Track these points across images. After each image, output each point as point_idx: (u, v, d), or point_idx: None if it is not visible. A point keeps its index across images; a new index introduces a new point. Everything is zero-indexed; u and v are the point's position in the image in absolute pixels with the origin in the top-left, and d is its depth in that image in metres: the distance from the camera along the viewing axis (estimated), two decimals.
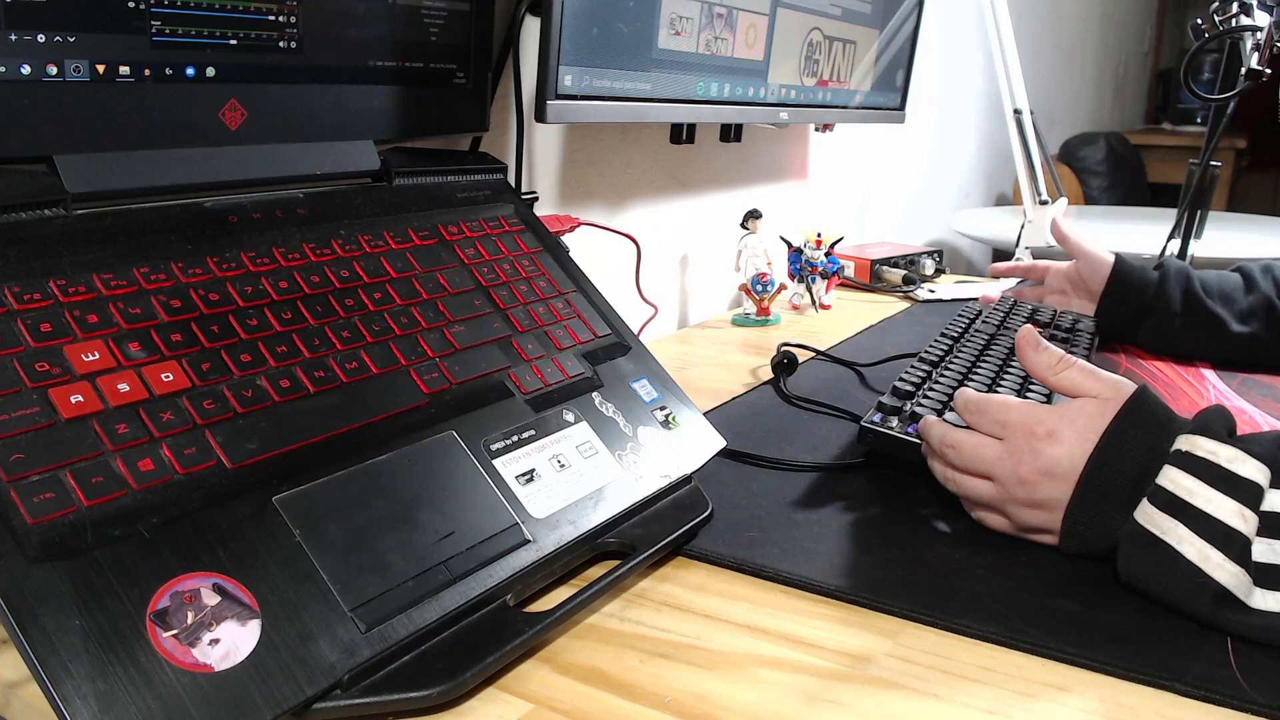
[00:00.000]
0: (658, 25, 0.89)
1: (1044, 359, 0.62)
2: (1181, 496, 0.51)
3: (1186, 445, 0.53)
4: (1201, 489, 0.51)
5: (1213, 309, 1.00)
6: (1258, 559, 0.49)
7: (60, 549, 0.39)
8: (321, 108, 0.65)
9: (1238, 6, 1.11)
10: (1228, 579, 0.49)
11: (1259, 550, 0.49)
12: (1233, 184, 3.79)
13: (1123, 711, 0.44)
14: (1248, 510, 0.50)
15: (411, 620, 0.45)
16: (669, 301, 1.23)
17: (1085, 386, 0.59)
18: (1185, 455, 0.53)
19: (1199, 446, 0.53)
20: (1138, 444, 0.55)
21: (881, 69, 1.33)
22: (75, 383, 0.44)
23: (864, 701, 0.45)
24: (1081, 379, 0.60)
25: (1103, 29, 3.59)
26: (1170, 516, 0.51)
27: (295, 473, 0.47)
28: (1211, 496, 0.51)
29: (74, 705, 0.36)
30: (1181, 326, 1.02)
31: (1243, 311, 1.00)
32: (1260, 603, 0.48)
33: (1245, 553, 0.49)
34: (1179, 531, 0.51)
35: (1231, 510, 0.50)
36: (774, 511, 0.63)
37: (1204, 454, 0.52)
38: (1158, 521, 0.52)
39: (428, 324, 0.59)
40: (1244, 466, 0.51)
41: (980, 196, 2.48)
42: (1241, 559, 0.49)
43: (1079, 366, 0.60)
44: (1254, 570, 0.49)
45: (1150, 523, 0.52)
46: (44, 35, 0.51)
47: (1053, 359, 0.61)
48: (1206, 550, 0.50)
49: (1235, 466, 0.51)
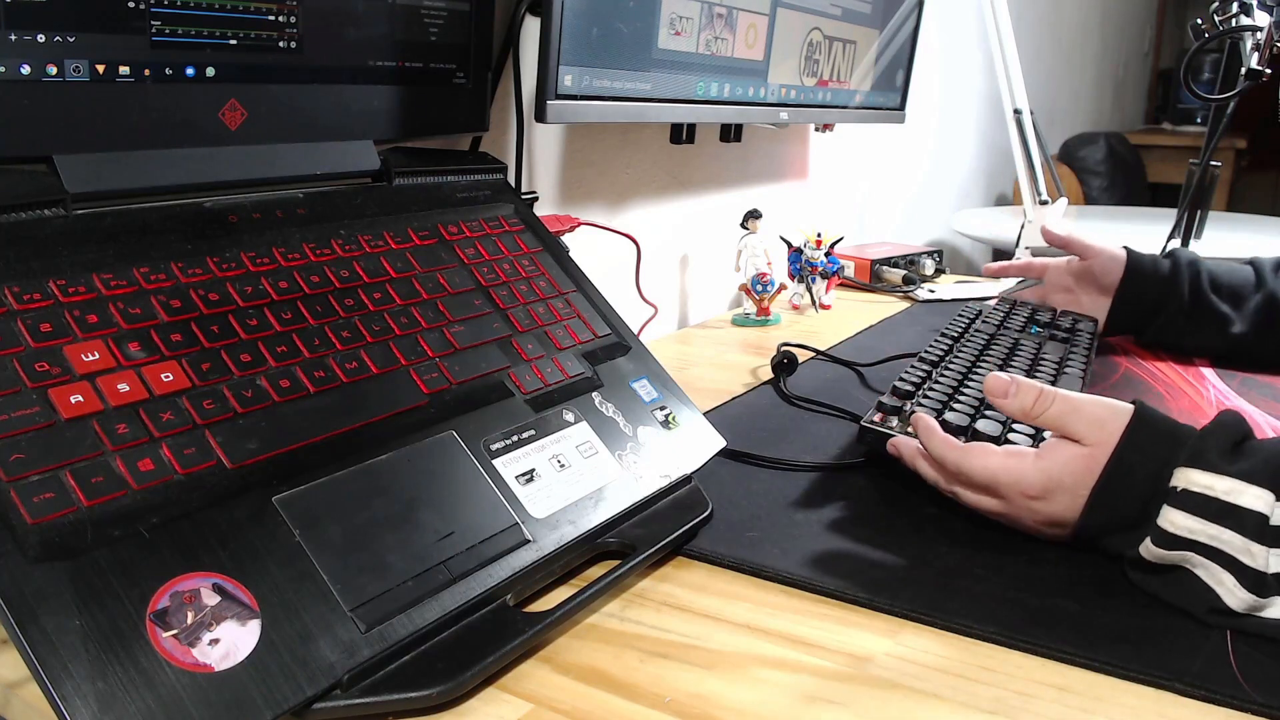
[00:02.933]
0: (658, 25, 0.89)
1: (1020, 402, 0.59)
2: (1184, 536, 0.50)
3: (1182, 481, 0.51)
4: (1203, 527, 0.50)
5: (1218, 307, 0.99)
6: (1276, 570, 0.48)
7: (60, 549, 0.39)
8: (321, 108, 0.65)
9: (1238, 6, 1.11)
10: (1238, 605, 0.49)
11: (1275, 562, 0.48)
12: (1233, 184, 3.79)
13: (1123, 711, 0.44)
14: (1254, 545, 0.48)
15: (411, 620, 0.45)
16: (669, 301, 1.23)
17: (1069, 428, 0.56)
18: (1182, 492, 0.51)
19: (1194, 481, 0.51)
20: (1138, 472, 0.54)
21: (881, 69, 1.33)
22: (75, 383, 0.44)
23: (864, 701, 0.45)
24: (1063, 420, 0.57)
25: (1103, 29, 3.58)
26: (1176, 551, 0.51)
27: (295, 473, 0.47)
28: (1215, 533, 0.49)
29: (74, 705, 0.36)
30: (1186, 323, 1.00)
31: (1248, 311, 0.99)
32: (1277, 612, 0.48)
33: (1259, 582, 0.48)
34: (1190, 558, 0.50)
35: (1238, 546, 0.49)
36: (774, 511, 0.63)
37: (1200, 489, 0.50)
38: (1166, 557, 0.51)
39: (428, 324, 0.59)
40: (1244, 496, 0.49)
41: (980, 196, 2.48)
42: (1255, 587, 0.48)
43: (1059, 402, 0.57)
44: (1273, 582, 0.48)
45: (1158, 559, 0.52)
46: (44, 35, 0.51)
47: (1028, 400, 0.58)
48: (1220, 574, 0.49)
49: (1234, 498, 0.49)
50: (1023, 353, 0.90)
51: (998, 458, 0.58)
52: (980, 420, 0.66)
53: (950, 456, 0.60)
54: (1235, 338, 0.99)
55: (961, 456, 0.59)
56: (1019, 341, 0.93)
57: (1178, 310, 1.01)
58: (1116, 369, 0.99)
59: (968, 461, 0.59)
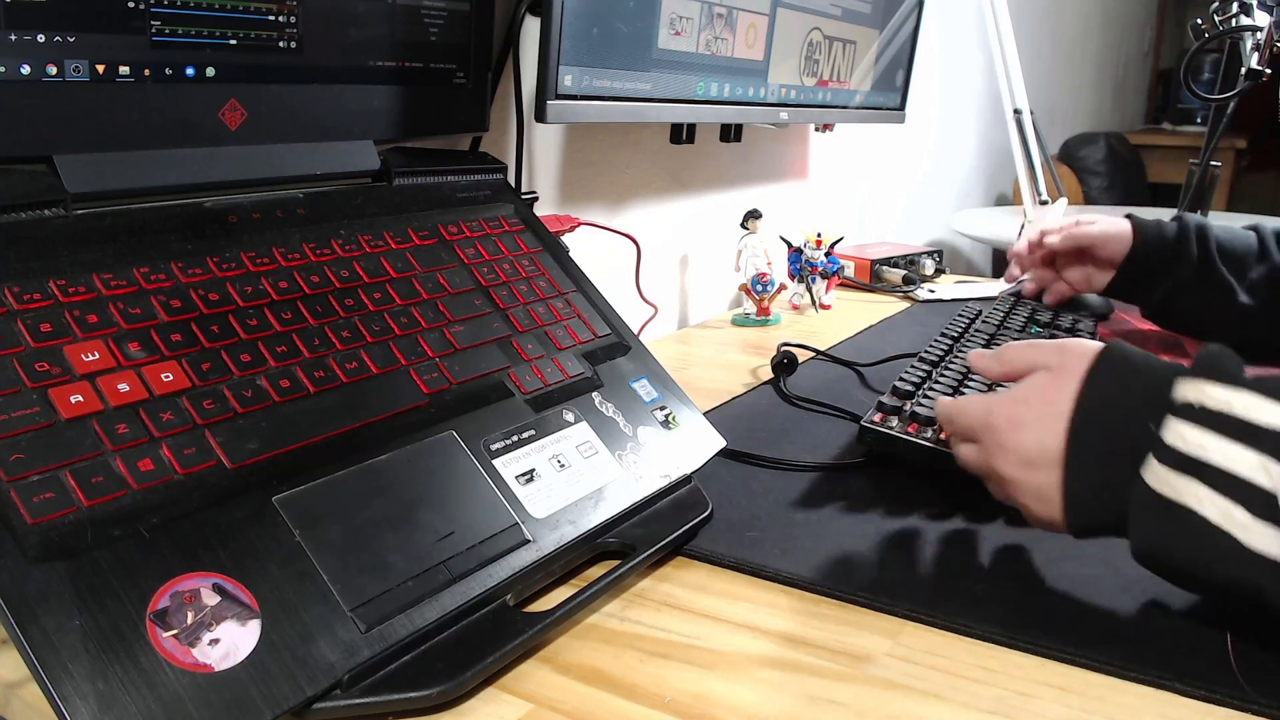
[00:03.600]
0: (658, 25, 0.89)
1: (988, 360, 0.60)
2: (1195, 454, 0.46)
3: (1194, 394, 0.47)
4: (1217, 443, 0.45)
5: (1225, 276, 0.97)
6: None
7: (60, 549, 0.39)
8: (321, 108, 0.65)
9: (1238, 6, 1.11)
10: (1258, 541, 0.44)
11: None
12: (1233, 184, 3.78)
13: (1123, 711, 0.44)
14: (1273, 464, 0.44)
15: (411, 620, 0.45)
16: (669, 301, 1.23)
17: (1029, 357, 0.56)
18: (1193, 406, 0.47)
19: (1208, 395, 0.47)
20: (1128, 394, 0.50)
21: (881, 69, 1.33)
22: (75, 383, 0.44)
23: (864, 701, 0.45)
24: (1022, 351, 0.57)
25: (1103, 29, 3.58)
26: (1185, 475, 0.46)
27: (295, 473, 0.47)
28: (1229, 450, 0.45)
29: (74, 705, 0.36)
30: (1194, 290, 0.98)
31: (1252, 282, 0.97)
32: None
33: (1272, 509, 0.44)
34: (1197, 491, 0.45)
35: (1254, 464, 0.44)
36: (774, 511, 0.63)
37: (1215, 404, 0.46)
38: (1171, 482, 0.46)
39: (428, 324, 0.59)
40: (1263, 413, 0.45)
41: (980, 196, 2.48)
42: (1271, 515, 0.43)
43: (1017, 345, 0.58)
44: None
45: (1162, 484, 0.47)
46: (44, 35, 0.51)
47: (993, 354, 0.59)
48: (1231, 509, 0.44)
49: (1254, 414, 0.45)
50: None
51: (976, 398, 0.58)
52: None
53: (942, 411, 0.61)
54: (1241, 308, 0.96)
55: (951, 407, 0.60)
56: None
57: (1188, 276, 0.98)
58: None
59: (953, 408, 0.59)
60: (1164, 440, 0.47)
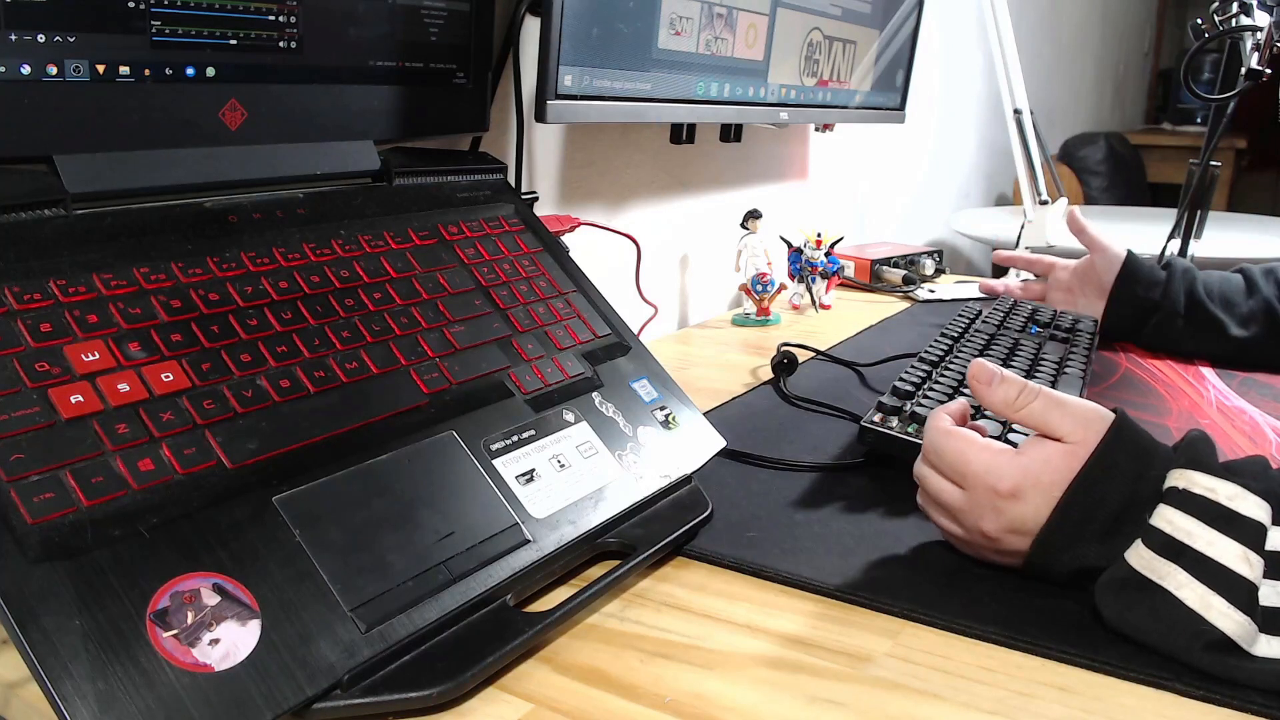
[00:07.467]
0: (658, 25, 0.89)
1: (1001, 394, 0.56)
2: (1180, 539, 0.47)
3: (1182, 481, 0.49)
4: (1201, 530, 0.47)
5: (1213, 312, 1.01)
6: (1265, 603, 0.46)
7: (60, 549, 0.39)
8: (321, 108, 0.65)
9: (1238, 6, 1.11)
10: (1232, 628, 0.45)
11: (1266, 594, 0.46)
12: (1233, 184, 3.79)
13: (1123, 711, 0.44)
14: (1252, 554, 0.46)
15: (411, 620, 0.45)
16: (669, 301, 1.23)
17: (1052, 424, 0.53)
18: (1181, 493, 0.49)
19: (1195, 483, 0.48)
20: (1122, 473, 0.51)
21: (881, 69, 1.33)
22: (75, 383, 0.44)
23: (864, 701, 0.45)
24: (1046, 414, 0.54)
25: (1103, 29, 3.58)
26: (1167, 560, 0.47)
27: (295, 473, 0.47)
28: (1213, 538, 0.47)
29: (74, 705, 0.36)
30: (1184, 327, 1.02)
31: (1243, 315, 1.01)
32: (1266, 650, 0.45)
33: (1251, 599, 0.45)
34: (1178, 576, 0.47)
35: (1235, 554, 0.46)
36: (774, 511, 0.63)
37: (1201, 491, 0.48)
38: (1154, 566, 0.48)
39: (428, 324, 0.59)
40: (1244, 504, 0.47)
41: (980, 196, 2.48)
42: (1247, 606, 0.45)
43: (1043, 398, 0.54)
44: (1261, 616, 0.45)
45: (1145, 567, 0.48)
46: (44, 35, 0.51)
47: (1011, 393, 0.55)
48: (1209, 597, 0.46)
49: (1236, 504, 0.47)
50: (1023, 353, 0.90)
51: (976, 446, 0.55)
52: (979, 419, 0.66)
53: (930, 433, 0.58)
54: (1235, 340, 1.00)
55: (941, 435, 0.57)
56: (1019, 341, 0.93)
57: (1173, 313, 1.02)
58: (1116, 369, 0.99)
59: (946, 442, 0.56)
60: (1151, 523, 0.49)
